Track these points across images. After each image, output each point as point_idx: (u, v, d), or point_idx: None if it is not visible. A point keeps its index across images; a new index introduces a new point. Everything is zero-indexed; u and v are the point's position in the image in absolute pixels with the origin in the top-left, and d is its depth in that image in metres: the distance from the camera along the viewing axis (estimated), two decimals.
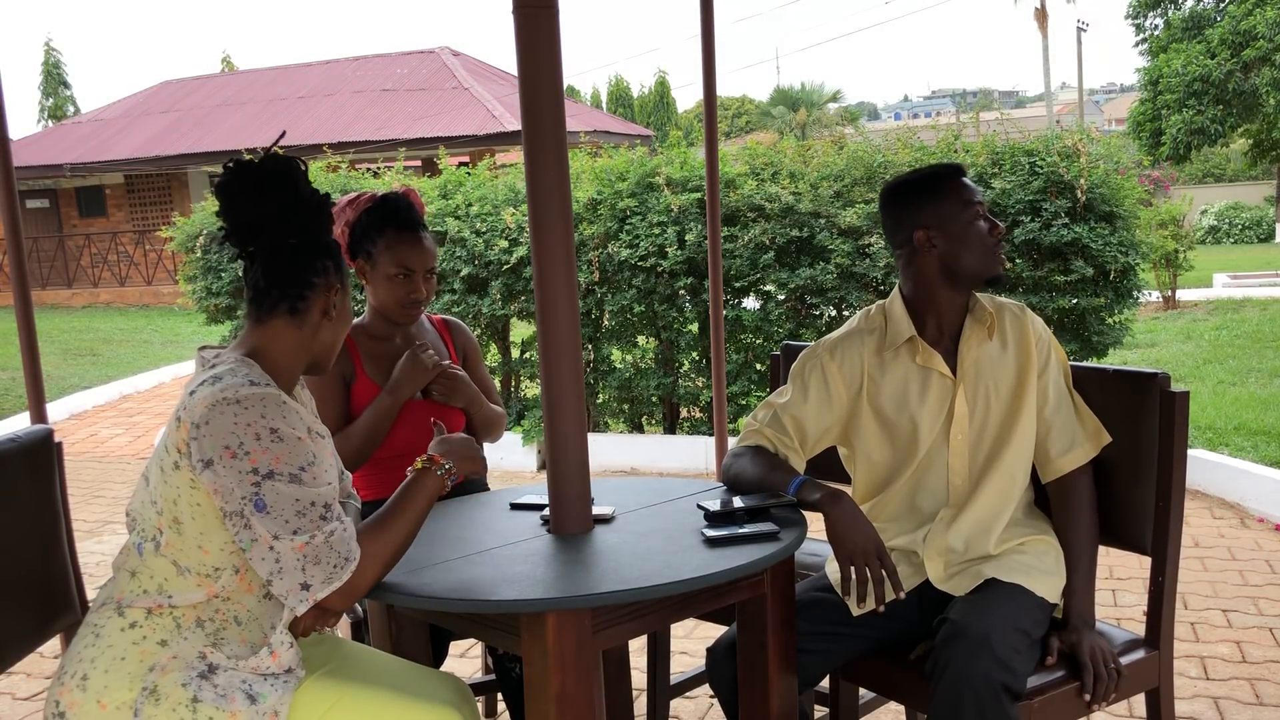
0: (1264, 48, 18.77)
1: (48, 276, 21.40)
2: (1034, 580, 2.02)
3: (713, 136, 3.94)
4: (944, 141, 5.90)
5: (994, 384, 2.12)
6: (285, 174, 1.78)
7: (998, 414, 2.12)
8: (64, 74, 33.70)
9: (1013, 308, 2.19)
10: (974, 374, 2.12)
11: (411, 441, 2.53)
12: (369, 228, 2.51)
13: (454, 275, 6.20)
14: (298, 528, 1.63)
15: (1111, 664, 1.96)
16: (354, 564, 1.67)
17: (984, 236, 2.10)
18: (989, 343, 2.14)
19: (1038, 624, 1.98)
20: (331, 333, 1.83)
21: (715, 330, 4.10)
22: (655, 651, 2.69)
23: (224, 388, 1.66)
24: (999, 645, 1.85)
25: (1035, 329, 2.16)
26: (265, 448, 1.63)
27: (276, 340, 1.78)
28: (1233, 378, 7.70)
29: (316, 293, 1.79)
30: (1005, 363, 2.13)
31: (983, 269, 2.11)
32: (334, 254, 1.82)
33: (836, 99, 40.24)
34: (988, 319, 2.14)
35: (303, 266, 1.78)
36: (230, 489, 1.63)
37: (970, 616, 1.92)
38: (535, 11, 1.92)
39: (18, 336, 3.27)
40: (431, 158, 9.95)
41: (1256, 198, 24.14)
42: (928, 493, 2.14)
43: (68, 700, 1.67)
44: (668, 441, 6.14)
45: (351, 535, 1.69)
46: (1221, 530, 4.56)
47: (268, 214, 1.77)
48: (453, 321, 2.78)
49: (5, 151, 3.15)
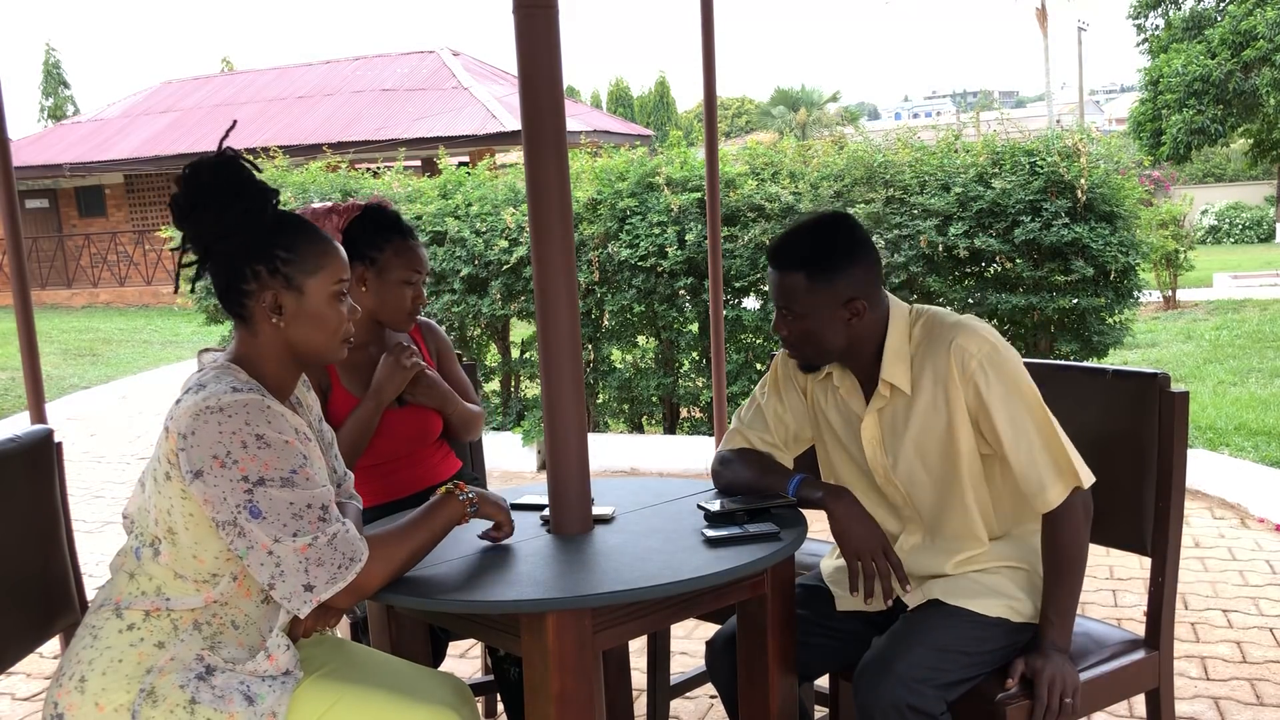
0: (1264, 48, 18.76)
1: (47, 276, 21.40)
2: (982, 601, 1.96)
3: (713, 136, 3.94)
4: (944, 141, 5.89)
5: (917, 422, 1.98)
6: (216, 180, 1.72)
7: (935, 450, 1.99)
8: (64, 74, 33.74)
9: (940, 340, 1.95)
10: (889, 413, 2.01)
11: (392, 448, 2.53)
12: (373, 235, 2.47)
13: (454, 275, 6.20)
14: (297, 530, 1.63)
15: (1068, 698, 1.88)
16: (359, 564, 1.67)
17: None
18: (903, 395, 1.99)
19: (980, 641, 1.93)
20: (301, 331, 1.76)
21: (715, 330, 4.10)
22: (655, 651, 2.69)
23: (206, 396, 1.65)
24: (907, 667, 1.86)
25: (960, 364, 1.91)
26: (253, 455, 1.62)
27: (249, 346, 1.77)
28: (1233, 378, 7.70)
29: (252, 298, 1.73)
30: (923, 400, 1.97)
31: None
32: (266, 254, 1.72)
33: (836, 99, 40.29)
34: (902, 360, 1.97)
35: (231, 275, 1.73)
36: (222, 498, 1.62)
37: (883, 642, 1.95)
38: (535, 11, 1.92)
39: (17, 336, 3.27)
40: (431, 158, 9.95)
41: (1257, 198, 24.14)
42: (886, 510, 2.11)
43: (66, 702, 1.67)
44: (668, 441, 6.14)
45: (356, 536, 1.69)
46: (1222, 530, 4.56)
47: (203, 224, 1.73)
48: (424, 323, 2.74)
49: (5, 151, 3.15)
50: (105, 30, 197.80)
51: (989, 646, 1.95)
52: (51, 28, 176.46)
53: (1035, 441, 1.90)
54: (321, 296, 1.76)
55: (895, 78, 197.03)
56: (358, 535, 1.70)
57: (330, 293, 1.77)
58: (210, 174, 1.72)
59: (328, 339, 1.78)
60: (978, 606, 1.96)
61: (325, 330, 1.77)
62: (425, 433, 2.61)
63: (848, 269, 1.94)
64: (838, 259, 1.94)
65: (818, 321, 1.95)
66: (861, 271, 1.96)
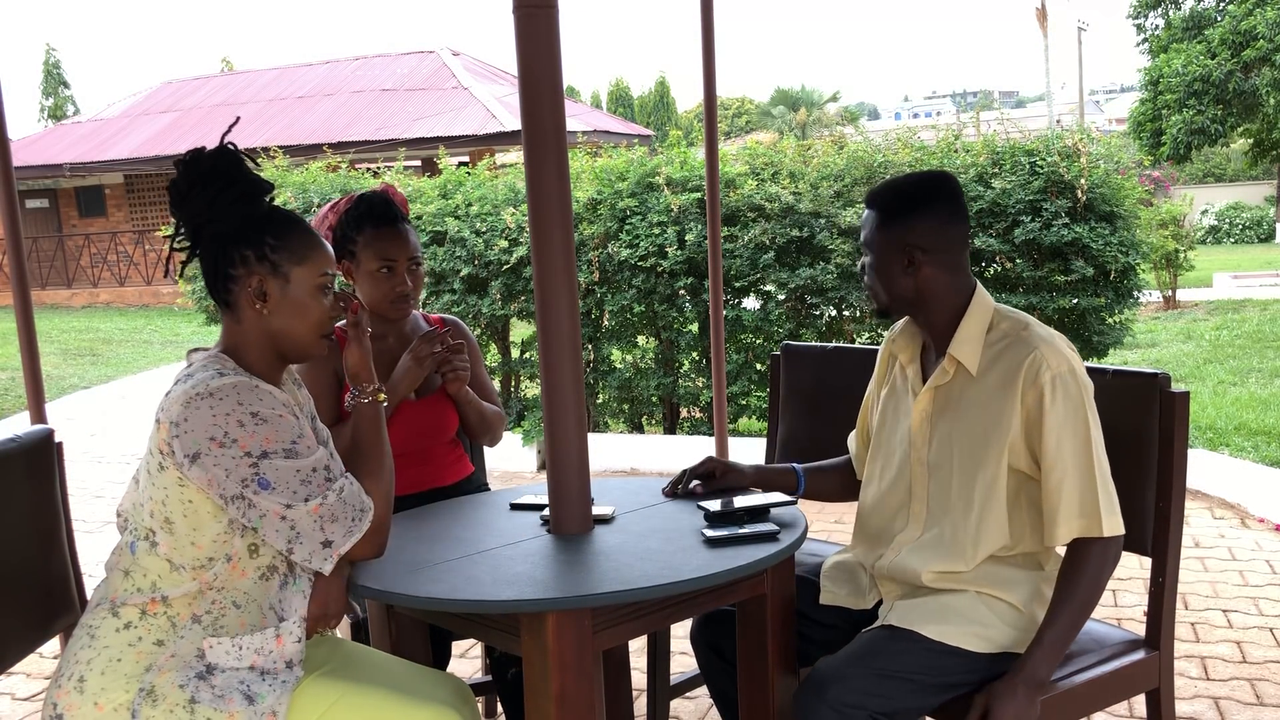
0: (1264, 48, 18.76)
1: (47, 276, 21.40)
2: (939, 627, 1.90)
3: (713, 136, 3.94)
4: (944, 141, 5.89)
5: (968, 409, 1.97)
6: (217, 165, 1.76)
7: (971, 443, 1.96)
8: (64, 74, 33.75)
9: (1023, 343, 1.93)
10: (944, 393, 2.02)
11: (404, 440, 2.53)
12: (347, 228, 2.50)
13: (454, 275, 6.20)
14: (308, 494, 1.68)
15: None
16: (370, 513, 1.74)
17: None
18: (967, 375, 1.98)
19: (931, 671, 1.87)
20: (283, 320, 1.78)
21: (715, 330, 4.10)
22: (655, 651, 2.69)
23: (195, 384, 1.68)
24: (841, 691, 1.82)
25: (1033, 372, 1.89)
26: (252, 431, 1.66)
27: (234, 336, 1.79)
28: (1233, 378, 7.70)
29: (238, 284, 1.76)
30: (983, 390, 1.95)
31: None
32: (255, 240, 1.75)
33: (836, 99, 40.30)
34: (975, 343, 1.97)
35: (219, 258, 1.76)
36: (225, 475, 1.65)
37: (830, 660, 1.91)
38: (535, 11, 1.92)
39: (17, 336, 3.27)
40: (431, 158, 9.95)
41: (1257, 198, 24.15)
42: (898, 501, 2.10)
43: (65, 703, 1.67)
44: (668, 441, 6.14)
45: (359, 488, 1.75)
46: (1222, 530, 4.56)
47: (197, 206, 1.76)
48: (451, 320, 2.75)
49: (5, 151, 3.15)
50: (105, 30, 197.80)
51: (943, 677, 1.88)
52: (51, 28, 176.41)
53: (1070, 473, 1.87)
54: (306, 287, 1.78)
55: (895, 78, 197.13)
56: (360, 487, 1.76)
57: (315, 284, 1.79)
58: (210, 160, 1.76)
59: (308, 330, 1.80)
60: (932, 632, 1.89)
61: (307, 321, 1.79)
62: (439, 429, 2.61)
63: (912, 219, 1.98)
64: (905, 205, 1.99)
65: (882, 263, 2.00)
66: (926, 227, 1.97)
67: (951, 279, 2.00)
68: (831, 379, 2.73)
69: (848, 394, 2.43)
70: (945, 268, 1.99)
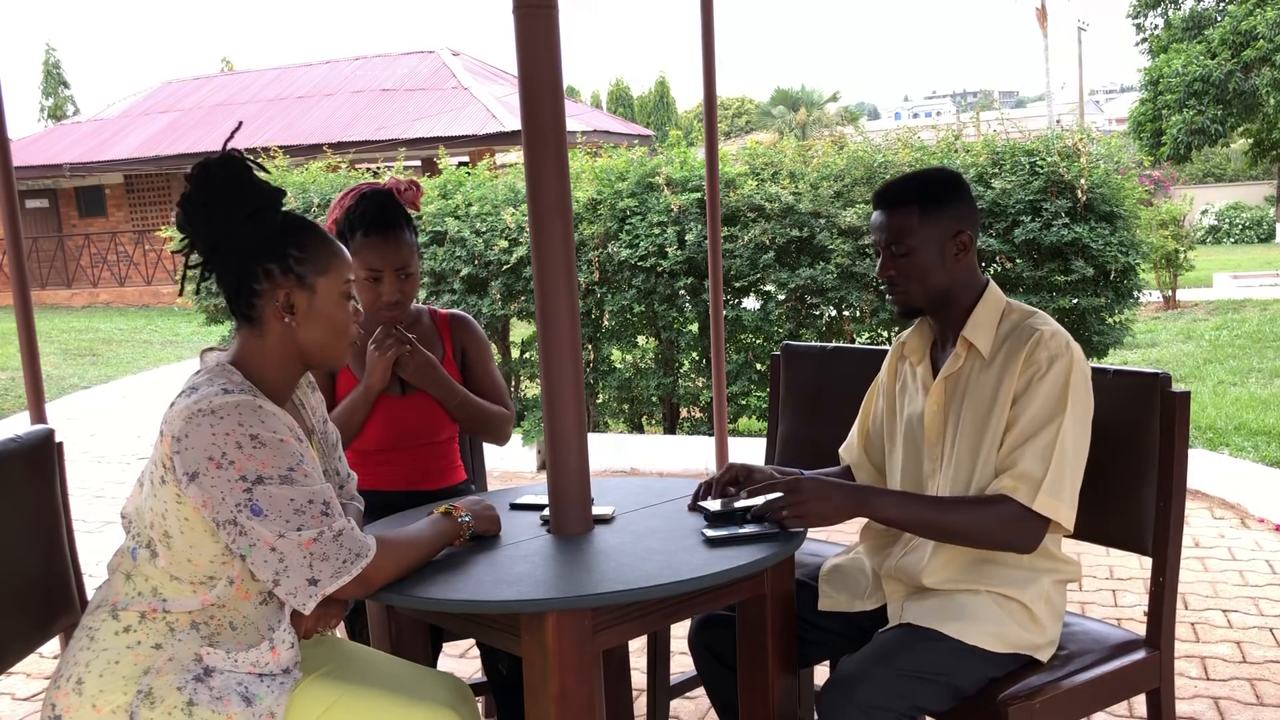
0: (1264, 48, 18.75)
1: (47, 276, 21.41)
2: (959, 625, 1.91)
3: (713, 136, 3.94)
4: (944, 141, 5.89)
5: (978, 391, 1.98)
6: (229, 179, 1.72)
7: (979, 421, 1.97)
8: (64, 74, 33.77)
9: (1029, 327, 1.98)
10: (955, 380, 2.03)
11: (380, 437, 2.53)
12: (343, 231, 2.48)
13: (454, 275, 6.20)
14: (301, 525, 1.64)
15: (785, 510, 1.89)
16: (366, 560, 1.68)
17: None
18: (978, 359, 2.00)
19: (952, 670, 1.89)
20: (312, 331, 1.77)
21: (715, 330, 4.10)
22: (655, 651, 2.69)
23: (198, 399, 1.65)
24: (869, 692, 1.82)
25: (1032, 349, 1.94)
26: (249, 454, 1.63)
27: (251, 349, 1.77)
28: (1233, 378, 7.70)
29: (263, 298, 1.74)
30: (991, 373, 1.98)
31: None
32: (278, 253, 1.73)
33: (836, 99, 40.31)
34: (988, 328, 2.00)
35: (242, 274, 1.73)
36: (220, 499, 1.62)
37: (852, 662, 1.91)
38: (535, 11, 1.92)
39: (17, 336, 3.27)
40: (431, 158, 9.95)
41: (1257, 198, 24.15)
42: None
43: (64, 704, 1.67)
44: (668, 441, 6.14)
45: (362, 535, 1.70)
46: (1222, 530, 4.56)
47: (214, 224, 1.72)
48: (456, 317, 2.70)
49: (5, 151, 3.15)
50: (105, 30, 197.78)
51: (964, 677, 1.89)
52: (51, 28, 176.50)
53: (1033, 440, 1.88)
54: (332, 296, 1.78)
55: (895, 78, 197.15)
56: (364, 534, 1.71)
57: (340, 292, 1.79)
58: (221, 172, 1.73)
59: (336, 339, 1.80)
60: (952, 630, 1.90)
61: (334, 330, 1.79)
62: (429, 428, 2.59)
63: (955, 203, 2.01)
64: (947, 192, 2.01)
65: (928, 255, 1.99)
66: (967, 208, 2.02)
67: (975, 266, 2.05)
68: (831, 379, 2.73)
69: (848, 394, 2.43)
70: (974, 254, 2.04)
